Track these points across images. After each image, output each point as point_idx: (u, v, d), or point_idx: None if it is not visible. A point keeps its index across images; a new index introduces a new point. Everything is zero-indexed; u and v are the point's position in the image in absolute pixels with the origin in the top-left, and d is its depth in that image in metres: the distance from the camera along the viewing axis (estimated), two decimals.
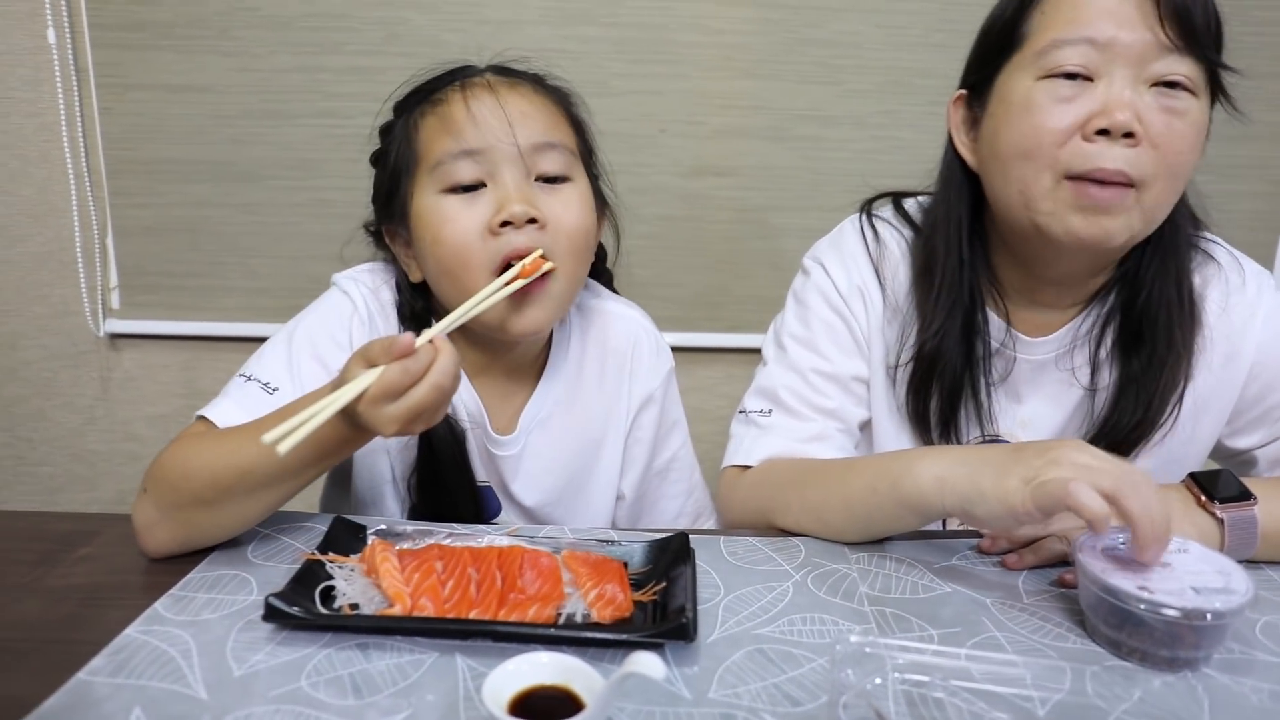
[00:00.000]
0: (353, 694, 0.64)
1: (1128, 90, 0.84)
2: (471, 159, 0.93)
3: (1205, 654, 0.70)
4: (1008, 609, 0.78)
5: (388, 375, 0.72)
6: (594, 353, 1.11)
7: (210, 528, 0.83)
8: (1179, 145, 0.85)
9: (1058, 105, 0.86)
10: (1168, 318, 0.95)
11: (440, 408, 0.76)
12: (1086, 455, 0.73)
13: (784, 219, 1.70)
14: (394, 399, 0.73)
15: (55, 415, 1.83)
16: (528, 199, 0.93)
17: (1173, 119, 0.84)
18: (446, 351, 0.75)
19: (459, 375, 0.77)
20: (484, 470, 1.08)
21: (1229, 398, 1.00)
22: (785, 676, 0.67)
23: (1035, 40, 0.88)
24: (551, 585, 0.75)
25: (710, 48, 1.62)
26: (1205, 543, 0.81)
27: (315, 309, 1.03)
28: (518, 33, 1.59)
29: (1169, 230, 0.93)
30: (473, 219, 0.93)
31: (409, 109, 1.01)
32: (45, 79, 1.63)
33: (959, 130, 0.98)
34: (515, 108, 0.95)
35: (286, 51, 1.61)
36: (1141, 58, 0.84)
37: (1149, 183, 0.85)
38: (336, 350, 0.97)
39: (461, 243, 0.93)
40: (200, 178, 1.67)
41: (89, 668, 0.66)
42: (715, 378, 1.79)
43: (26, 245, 1.72)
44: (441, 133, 0.95)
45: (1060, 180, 0.87)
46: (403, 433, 0.76)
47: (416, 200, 0.97)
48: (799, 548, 0.89)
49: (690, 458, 1.19)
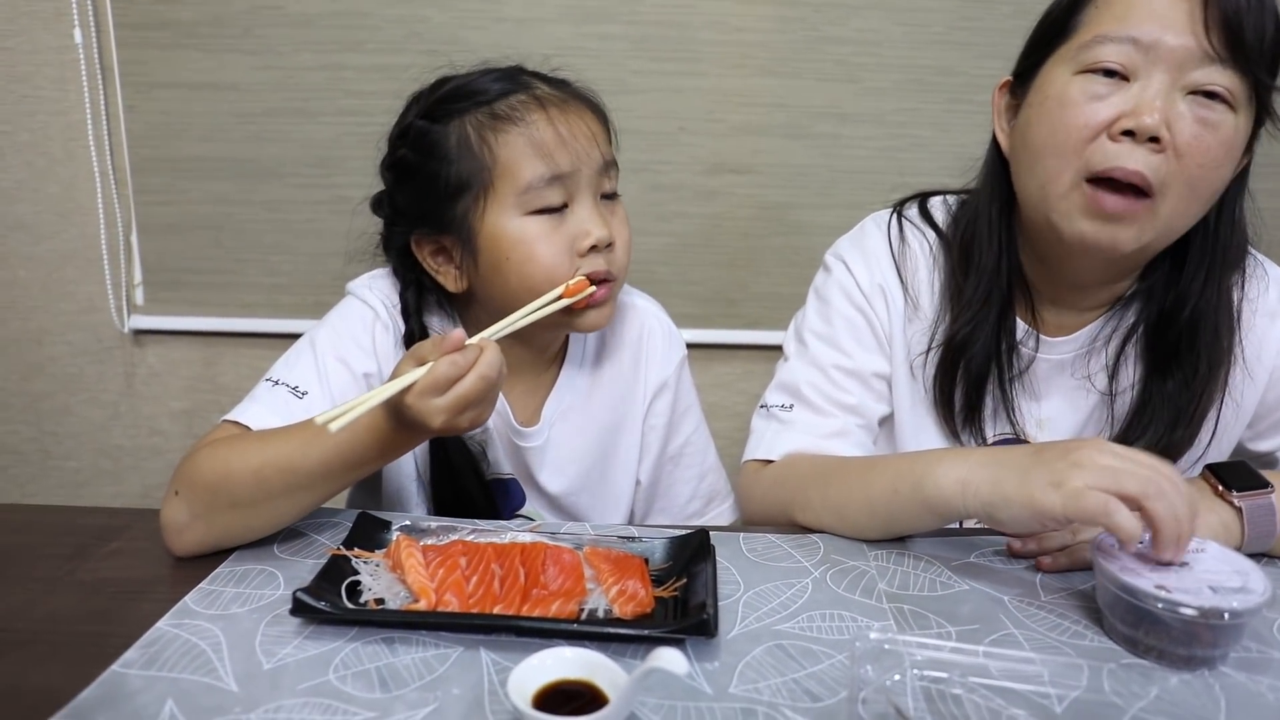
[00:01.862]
0: (380, 687, 0.65)
1: (1161, 95, 0.83)
2: (560, 182, 0.96)
3: (1222, 652, 0.70)
4: (1025, 606, 0.79)
5: (437, 368, 0.76)
6: (611, 343, 1.14)
7: (243, 530, 0.84)
8: (1203, 157, 0.84)
9: (1090, 102, 0.86)
10: (1210, 339, 0.94)
11: (487, 401, 0.79)
12: (1109, 456, 0.74)
13: (803, 216, 1.70)
14: (442, 392, 0.76)
15: (81, 410, 1.85)
16: (606, 223, 0.99)
17: (1203, 130, 0.83)
18: (492, 348, 0.79)
19: (503, 371, 0.80)
20: (509, 463, 1.10)
21: (1251, 402, 1.00)
22: (805, 672, 0.68)
23: (1082, 33, 0.88)
24: (574, 581, 0.76)
25: (729, 45, 1.62)
26: (1226, 532, 0.82)
27: (336, 315, 1.03)
28: (537, 30, 1.60)
29: (1214, 248, 0.93)
30: (562, 242, 0.97)
31: (457, 116, 0.97)
32: (71, 78, 1.65)
33: (1000, 117, 0.98)
34: (587, 128, 0.98)
35: (309, 50, 1.62)
36: (1182, 63, 0.82)
37: (1166, 192, 0.84)
38: (361, 354, 0.99)
39: (554, 264, 0.96)
40: (223, 175, 1.68)
41: (122, 660, 0.67)
42: (734, 374, 1.80)
43: (53, 242, 1.75)
44: (531, 154, 0.94)
45: (1079, 182, 0.87)
46: (450, 427, 0.78)
47: (493, 218, 0.96)
48: (818, 544, 0.90)
49: (704, 441, 1.21)
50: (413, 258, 1.03)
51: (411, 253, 1.02)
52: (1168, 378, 0.96)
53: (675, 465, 1.18)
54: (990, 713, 0.63)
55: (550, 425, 1.10)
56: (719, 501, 1.20)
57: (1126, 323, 0.99)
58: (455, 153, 0.96)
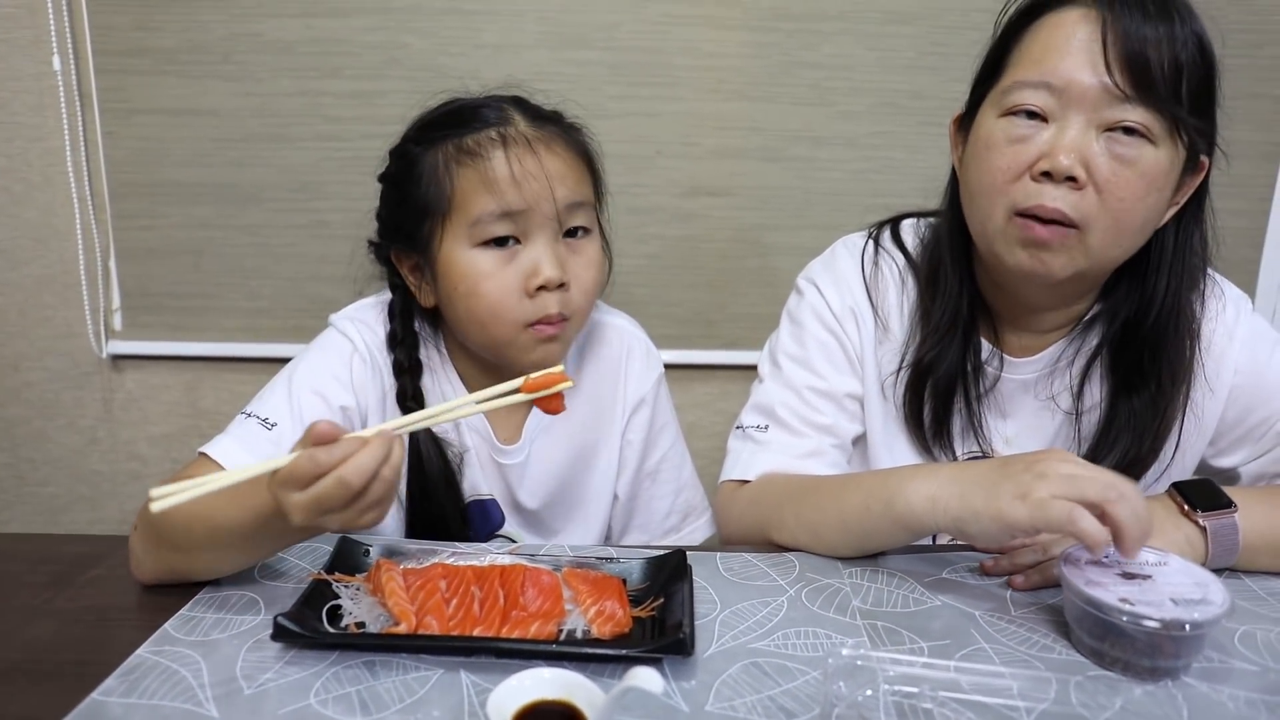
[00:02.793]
0: (360, 711, 0.65)
1: (1077, 135, 0.86)
2: (510, 219, 0.97)
3: (1185, 663, 0.72)
4: (996, 621, 0.80)
5: (297, 460, 0.69)
6: (591, 360, 1.16)
7: (187, 571, 0.83)
8: (1122, 192, 0.86)
9: (1012, 145, 0.89)
10: (1172, 355, 0.97)
11: (359, 507, 0.70)
12: (1070, 465, 0.77)
13: (778, 238, 1.72)
14: (301, 487, 0.69)
15: (58, 436, 1.84)
16: (560, 262, 0.99)
17: (1119, 166, 0.86)
18: (371, 449, 0.69)
19: (383, 477, 0.70)
20: (488, 483, 1.11)
21: (1212, 419, 1.02)
22: (780, 689, 0.69)
23: (1005, 78, 0.91)
24: (553, 602, 0.77)
25: (704, 70, 1.64)
26: (1190, 550, 0.85)
27: (315, 348, 1.04)
28: (515, 57, 1.62)
29: (1171, 267, 0.95)
30: (508, 278, 0.98)
31: (435, 143, 1.00)
32: (50, 104, 1.65)
33: (955, 149, 1.01)
34: (552, 167, 0.98)
35: (288, 76, 1.63)
36: (1095, 104, 0.85)
37: (1091, 225, 0.87)
38: (338, 387, 1.00)
39: (498, 300, 0.98)
40: (202, 200, 1.69)
41: (102, 688, 0.67)
42: (711, 394, 1.81)
43: (30, 268, 1.74)
44: (482, 190, 0.97)
45: (1011, 216, 0.90)
46: (313, 525, 0.71)
47: (447, 247, 0.99)
48: (793, 563, 0.91)
49: (680, 457, 1.22)
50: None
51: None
52: (1132, 395, 0.99)
53: (653, 481, 1.20)
54: None
55: (531, 441, 1.11)
56: (695, 516, 1.22)
57: (1090, 344, 1.01)
58: (425, 178, 1.00)
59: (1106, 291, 1.00)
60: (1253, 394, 1.01)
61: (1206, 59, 0.87)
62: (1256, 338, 1.01)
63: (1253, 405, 1.01)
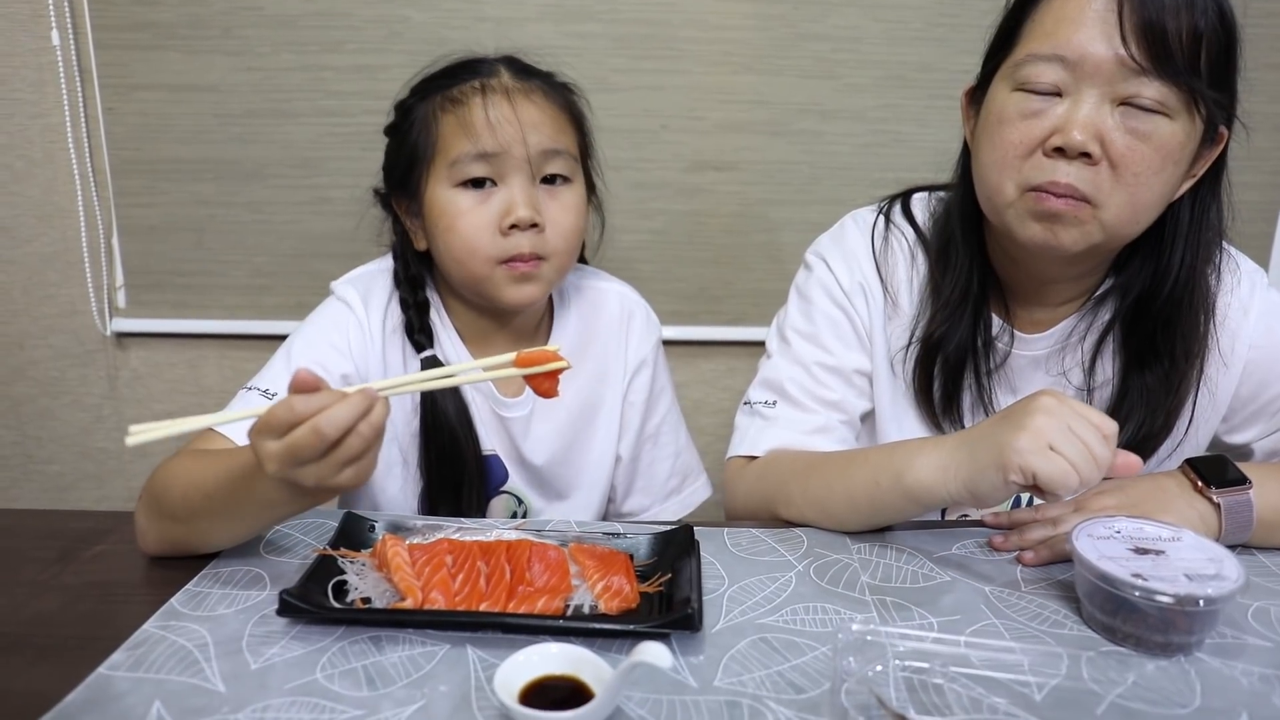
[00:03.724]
0: (367, 686, 0.65)
1: (1091, 110, 0.84)
2: (485, 161, 1.02)
3: (1198, 639, 0.71)
4: (1006, 597, 0.80)
5: (274, 407, 0.68)
6: (591, 324, 1.19)
7: (187, 542, 0.83)
8: (1138, 167, 0.84)
9: (1024, 120, 0.87)
10: (1187, 329, 0.95)
11: (333, 460, 0.69)
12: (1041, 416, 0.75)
13: (784, 213, 1.71)
14: (277, 435, 0.68)
15: (63, 414, 1.84)
16: (533, 204, 1.02)
17: (1135, 140, 0.84)
18: (350, 402, 0.68)
19: (360, 432, 0.69)
20: (491, 438, 1.13)
21: (1225, 394, 1.01)
22: (789, 665, 0.69)
23: (1018, 50, 0.89)
24: (559, 578, 0.77)
25: (710, 43, 1.62)
26: (1204, 526, 0.84)
27: (314, 318, 1.08)
28: (518, 30, 1.60)
29: (1187, 241, 0.93)
30: (483, 216, 1.02)
31: (427, 95, 1.06)
32: (49, 80, 1.63)
33: (967, 122, 1.00)
34: (528, 115, 1.02)
35: (289, 50, 1.61)
36: (1110, 78, 0.83)
37: (1105, 200, 0.86)
38: (336, 355, 1.03)
39: (472, 236, 1.02)
40: (204, 177, 1.68)
41: (109, 663, 0.67)
42: (717, 370, 1.80)
43: (33, 245, 1.73)
44: (460, 134, 1.01)
45: (1024, 191, 0.88)
46: (288, 477, 0.70)
47: (431, 188, 1.04)
48: (801, 538, 0.91)
49: (677, 419, 1.26)
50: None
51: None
52: (1145, 370, 0.98)
53: (654, 445, 1.23)
54: (971, 701, 0.64)
55: (534, 396, 1.11)
56: (694, 478, 1.26)
57: (1102, 319, 1.00)
58: (417, 127, 1.06)
59: (1120, 265, 0.99)
60: (1268, 369, 1.00)
61: (1227, 26, 0.84)
62: (1272, 312, 1.00)
63: (1267, 380, 1.00)
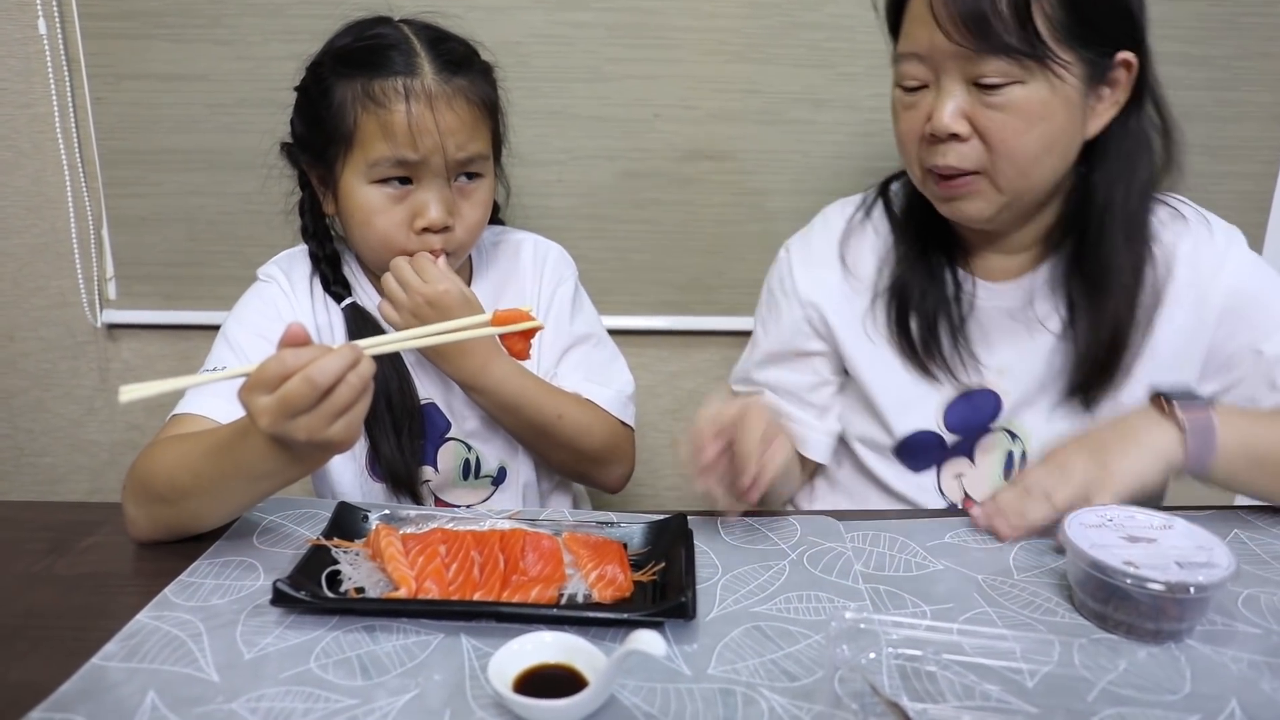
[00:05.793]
0: (361, 675, 0.65)
1: (951, 95, 0.91)
2: (404, 165, 1.04)
3: (1189, 626, 0.72)
4: (998, 585, 0.80)
5: (265, 363, 0.70)
6: (508, 270, 1.23)
7: (177, 523, 0.84)
8: (1003, 134, 0.90)
9: (906, 112, 0.96)
10: (1122, 263, 0.98)
11: (326, 410, 0.70)
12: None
13: (778, 202, 1.70)
14: (269, 390, 0.70)
15: (55, 406, 1.83)
16: (447, 207, 1.05)
17: (994, 112, 0.89)
18: (339, 353, 0.71)
19: (349, 382, 0.71)
20: (429, 386, 1.15)
21: (1202, 344, 1.02)
22: (782, 653, 0.69)
23: (896, 49, 0.97)
24: (553, 567, 0.77)
25: (703, 32, 1.61)
26: (1170, 448, 0.87)
27: (244, 298, 1.15)
28: (510, 19, 1.59)
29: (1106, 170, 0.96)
30: (398, 215, 1.05)
31: (347, 78, 1.04)
32: (37, 70, 1.62)
33: None
34: (448, 122, 1.03)
35: (279, 39, 1.60)
36: (958, 63, 0.89)
37: (991, 169, 0.92)
38: (271, 322, 1.08)
39: (386, 234, 1.05)
40: (195, 167, 1.66)
41: (102, 653, 0.67)
42: (710, 360, 1.80)
43: (22, 237, 1.72)
44: (381, 137, 1.02)
45: (925, 173, 0.96)
46: (277, 430, 0.71)
47: (348, 177, 1.06)
48: (795, 527, 0.91)
49: (604, 338, 1.25)
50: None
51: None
52: (1095, 306, 0.99)
53: (586, 345, 1.22)
54: (964, 689, 0.65)
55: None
56: (602, 386, 1.18)
57: (1064, 265, 1.02)
58: (335, 109, 1.05)
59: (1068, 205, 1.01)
60: (1237, 319, 1.00)
61: None
62: (1254, 265, 1.02)
63: (1234, 331, 1.01)
